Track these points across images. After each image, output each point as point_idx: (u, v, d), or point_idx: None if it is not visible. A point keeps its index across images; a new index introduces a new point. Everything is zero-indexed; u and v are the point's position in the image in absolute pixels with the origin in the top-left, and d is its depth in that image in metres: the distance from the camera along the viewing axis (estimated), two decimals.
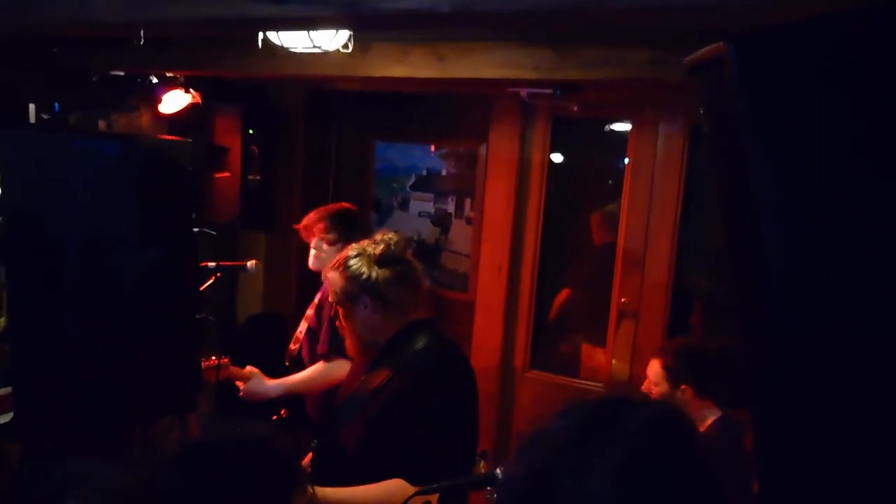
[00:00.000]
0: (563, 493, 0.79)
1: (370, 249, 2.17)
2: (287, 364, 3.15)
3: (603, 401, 0.88)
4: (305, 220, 3.16)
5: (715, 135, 1.13)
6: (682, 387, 2.55)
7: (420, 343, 2.15)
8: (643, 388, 2.72)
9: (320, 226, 3.09)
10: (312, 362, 3.00)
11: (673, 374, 2.57)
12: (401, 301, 2.17)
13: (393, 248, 2.18)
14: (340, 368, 2.85)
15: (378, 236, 2.22)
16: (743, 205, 1.08)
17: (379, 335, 2.20)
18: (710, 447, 2.40)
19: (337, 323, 2.28)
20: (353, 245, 2.24)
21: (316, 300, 3.12)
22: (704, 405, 2.55)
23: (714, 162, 1.18)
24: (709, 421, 2.53)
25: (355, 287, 2.15)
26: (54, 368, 2.46)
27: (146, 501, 1.19)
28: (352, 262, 2.16)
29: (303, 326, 3.14)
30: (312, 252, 3.14)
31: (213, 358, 2.92)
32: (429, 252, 4.30)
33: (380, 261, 2.15)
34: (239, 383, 2.96)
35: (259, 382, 2.94)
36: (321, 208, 3.20)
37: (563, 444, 0.83)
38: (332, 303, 2.28)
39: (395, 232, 2.29)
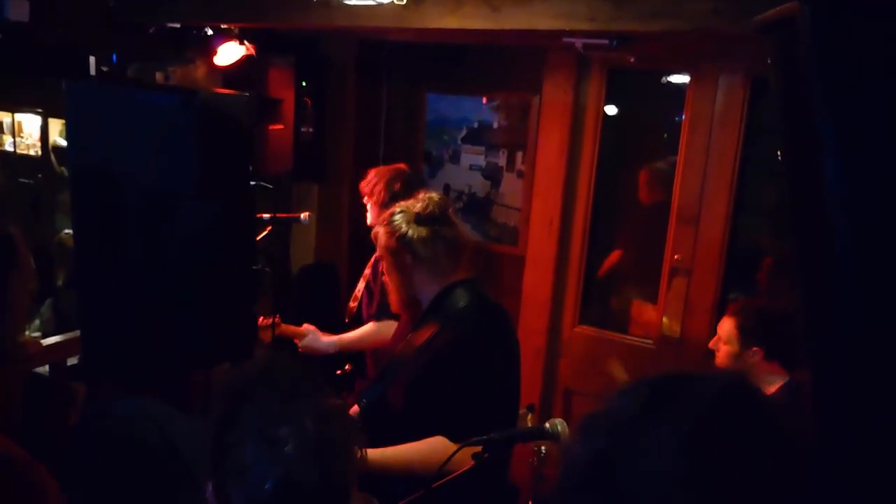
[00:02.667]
0: (625, 472, 0.77)
1: (412, 207, 2.22)
2: (347, 321, 3.23)
3: (664, 377, 0.85)
4: (366, 179, 3.22)
5: (784, 94, 1.10)
6: (753, 349, 2.53)
7: (462, 302, 2.20)
8: (710, 344, 2.70)
9: (379, 186, 3.14)
10: (369, 320, 3.09)
11: (746, 335, 2.54)
12: (437, 259, 2.21)
13: (431, 207, 2.23)
14: (390, 329, 2.93)
15: (420, 195, 2.27)
16: (811, 168, 1.06)
17: (420, 292, 2.25)
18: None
19: (383, 278, 2.33)
20: (401, 202, 2.28)
21: (372, 259, 3.18)
22: (772, 369, 2.52)
23: (782, 121, 1.15)
24: (775, 386, 2.51)
25: (395, 243, 2.20)
26: (118, 315, 2.56)
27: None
28: (395, 218, 2.22)
29: (361, 285, 3.21)
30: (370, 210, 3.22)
31: (267, 317, 3.00)
32: (479, 206, 4.30)
33: (418, 219, 2.20)
34: (296, 340, 3.06)
35: (315, 339, 3.06)
36: (380, 168, 3.26)
37: (624, 423, 0.81)
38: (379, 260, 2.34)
39: (437, 192, 2.34)
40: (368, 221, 3.24)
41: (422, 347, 2.13)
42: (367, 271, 3.20)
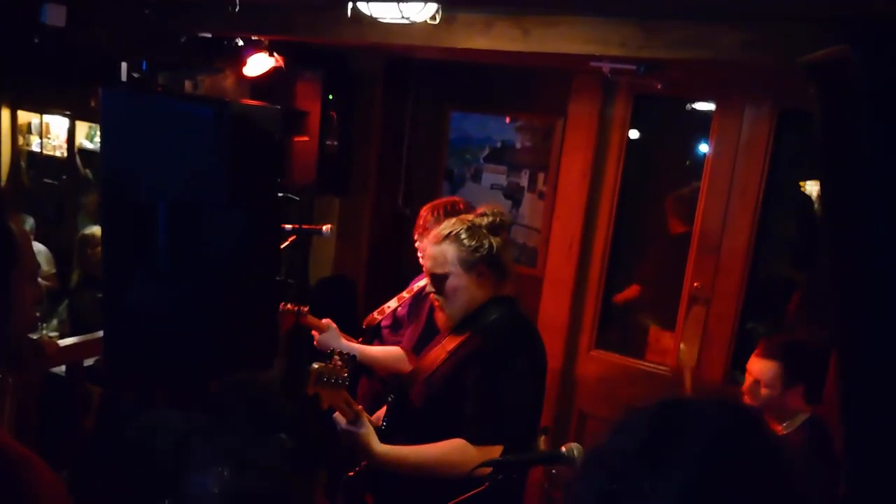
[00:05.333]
0: None
1: (478, 221, 2.27)
2: (364, 327, 3.21)
3: (661, 411, 0.83)
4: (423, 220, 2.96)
5: (827, 133, 1.10)
6: (797, 388, 2.46)
7: (496, 314, 2.24)
8: (744, 388, 2.57)
9: (426, 215, 2.94)
10: (390, 341, 3.07)
11: (791, 375, 2.45)
12: (508, 266, 2.28)
13: (499, 217, 2.32)
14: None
15: (481, 209, 2.33)
16: (851, 207, 1.06)
17: (477, 305, 2.28)
18: (795, 447, 2.35)
19: (432, 295, 2.32)
20: (454, 220, 2.30)
21: (416, 287, 3.11)
22: (803, 407, 2.48)
23: (823, 159, 1.15)
24: (799, 420, 2.47)
25: (473, 256, 2.23)
26: (141, 320, 2.58)
27: None
28: (464, 234, 2.24)
29: (393, 303, 3.17)
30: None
31: (292, 305, 3.00)
32: None
33: (491, 229, 2.26)
34: (314, 333, 3.05)
35: (334, 336, 3.01)
36: (434, 202, 3.02)
37: (625, 465, 0.80)
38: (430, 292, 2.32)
39: (496, 205, 2.41)
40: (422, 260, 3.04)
41: (451, 351, 2.22)
42: (407, 295, 3.14)
